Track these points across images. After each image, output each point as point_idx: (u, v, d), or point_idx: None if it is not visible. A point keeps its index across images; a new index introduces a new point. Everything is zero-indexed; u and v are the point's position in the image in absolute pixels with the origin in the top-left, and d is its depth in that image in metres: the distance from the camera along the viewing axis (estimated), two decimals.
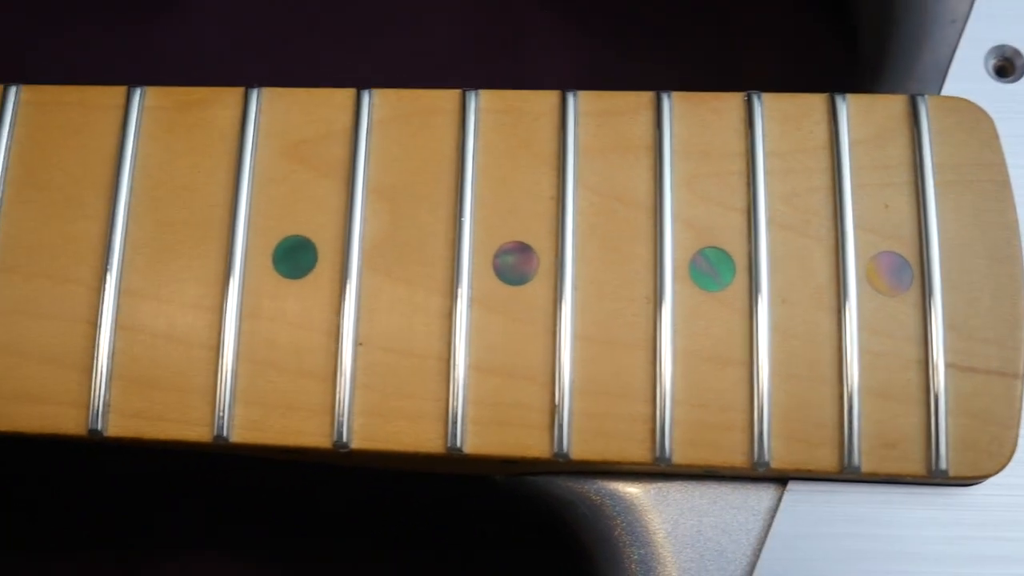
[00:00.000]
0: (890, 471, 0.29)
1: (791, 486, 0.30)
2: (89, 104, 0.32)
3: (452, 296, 0.30)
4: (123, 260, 0.31)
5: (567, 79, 0.47)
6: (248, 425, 0.30)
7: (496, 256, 0.30)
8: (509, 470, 0.32)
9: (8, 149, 0.32)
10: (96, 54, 0.47)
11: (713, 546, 0.30)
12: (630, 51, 0.46)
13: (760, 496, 0.30)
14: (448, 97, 0.32)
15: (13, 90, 0.32)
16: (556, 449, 0.29)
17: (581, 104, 0.31)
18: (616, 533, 0.30)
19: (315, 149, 0.31)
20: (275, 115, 0.32)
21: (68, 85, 0.32)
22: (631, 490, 0.31)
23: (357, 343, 0.30)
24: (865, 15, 0.38)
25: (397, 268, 0.30)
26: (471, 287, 0.30)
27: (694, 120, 0.31)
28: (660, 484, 0.31)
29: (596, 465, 0.30)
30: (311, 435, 0.30)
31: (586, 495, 0.31)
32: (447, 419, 0.30)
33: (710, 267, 0.30)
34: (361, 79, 0.35)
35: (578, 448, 0.29)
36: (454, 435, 0.29)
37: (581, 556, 0.32)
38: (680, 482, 0.30)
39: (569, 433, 0.29)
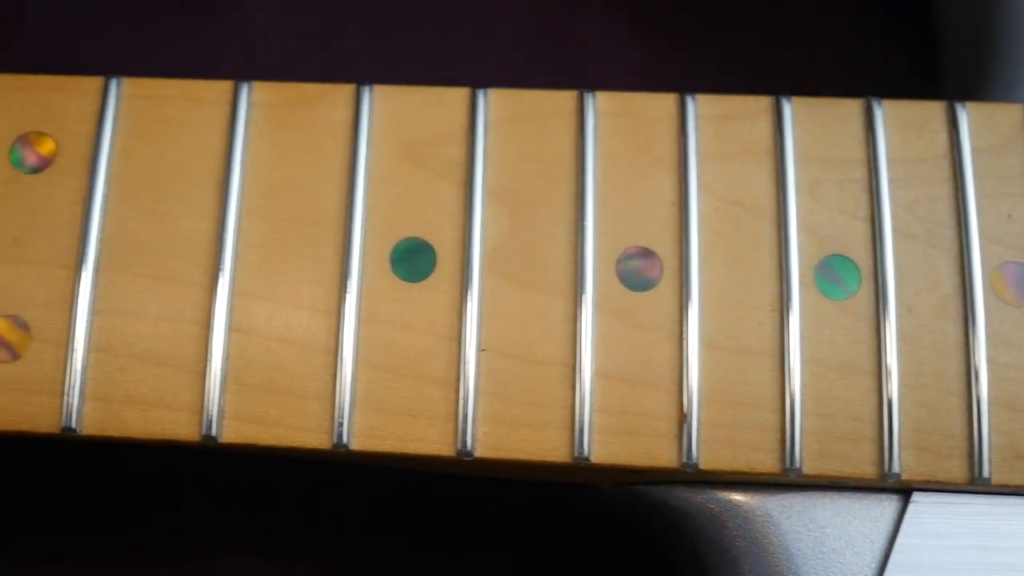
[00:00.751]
0: (1021, 483, 0.29)
1: (915, 496, 0.30)
2: (195, 99, 0.31)
3: (576, 301, 0.29)
4: (235, 260, 0.30)
5: (627, 77, 0.46)
6: (368, 432, 0.29)
7: (619, 261, 0.30)
8: (619, 479, 0.31)
9: (112, 144, 0.31)
10: (145, 47, 0.46)
11: (836, 557, 0.30)
12: (688, 48, 0.46)
13: (883, 506, 0.30)
14: (564, 98, 0.31)
15: (115, 82, 0.31)
16: (685, 459, 0.29)
17: (700, 108, 0.31)
18: (736, 544, 0.30)
19: (430, 149, 0.31)
20: (388, 114, 0.31)
21: (170, 79, 0.31)
22: (751, 500, 0.30)
23: (480, 348, 0.29)
24: (953, 23, 0.38)
25: (518, 272, 0.30)
26: (595, 292, 0.29)
27: (813, 125, 0.31)
28: (781, 494, 0.30)
29: (723, 475, 0.29)
30: (433, 443, 0.29)
31: (704, 505, 0.30)
32: (573, 428, 0.29)
33: (835, 275, 0.30)
34: (414, 75, 0.34)
35: (707, 458, 0.29)
36: (581, 444, 0.29)
37: (694, 567, 0.31)
38: (801, 492, 0.30)
39: (698, 443, 0.29)
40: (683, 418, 0.29)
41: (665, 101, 0.31)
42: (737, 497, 0.30)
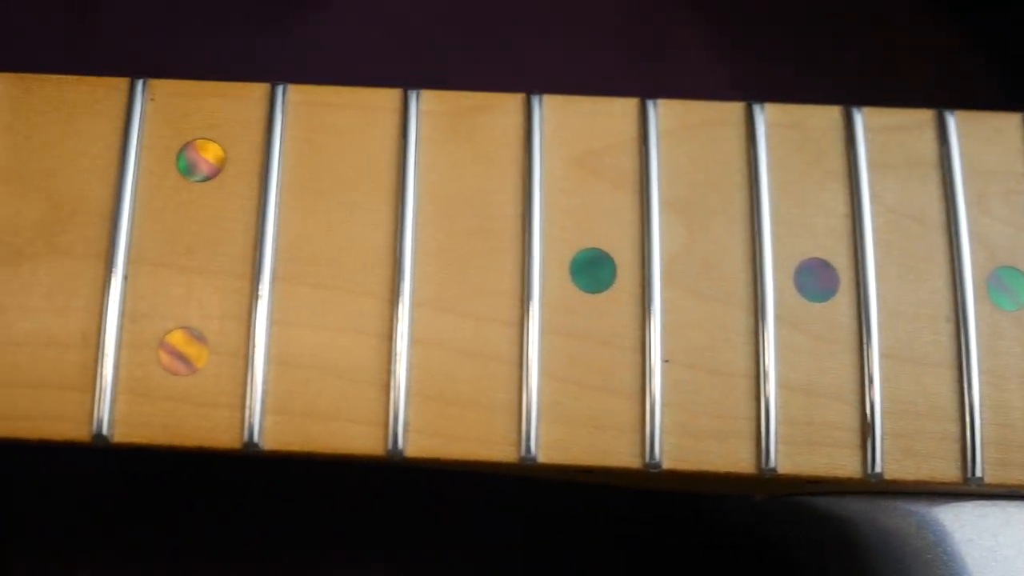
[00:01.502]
0: None
1: None
2: (364, 107, 0.31)
3: (755, 313, 0.29)
4: (414, 271, 0.29)
5: (714, 86, 0.46)
6: (554, 445, 0.29)
7: (796, 272, 0.30)
8: (774, 490, 0.32)
9: (281, 152, 0.30)
10: (238, 53, 0.45)
11: (1009, 565, 0.30)
12: (776, 59, 0.46)
13: None
14: (731, 110, 0.31)
15: (280, 89, 0.30)
16: (869, 470, 0.29)
17: (866, 119, 0.31)
18: (906, 553, 0.30)
19: (603, 160, 0.31)
20: (559, 124, 0.31)
21: (335, 86, 0.31)
22: (921, 509, 0.30)
23: (664, 360, 0.29)
24: None
25: (697, 283, 0.30)
26: (775, 303, 0.30)
27: (976, 139, 0.31)
28: (952, 503, 0.30)
29: (904, 486, 0.30)
30: (620, 455, 0.29)
31: (874, 515, 0.31)
32: (759, 439, 0.29)
33: (1006, 286, 0.30)
34: (504, 83, 0.34)
35: (890, 468, 0.29)
36: (766, 455, 0.29)
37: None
38: (971, 500, 0.30)
39: (881, 453, 0.29)
40: (867, 429, 0.29)
41: (831, 113, 0.31)
42: (908, 507, 0.30)
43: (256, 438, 0.28)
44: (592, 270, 0.30)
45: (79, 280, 0.29)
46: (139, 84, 0.30)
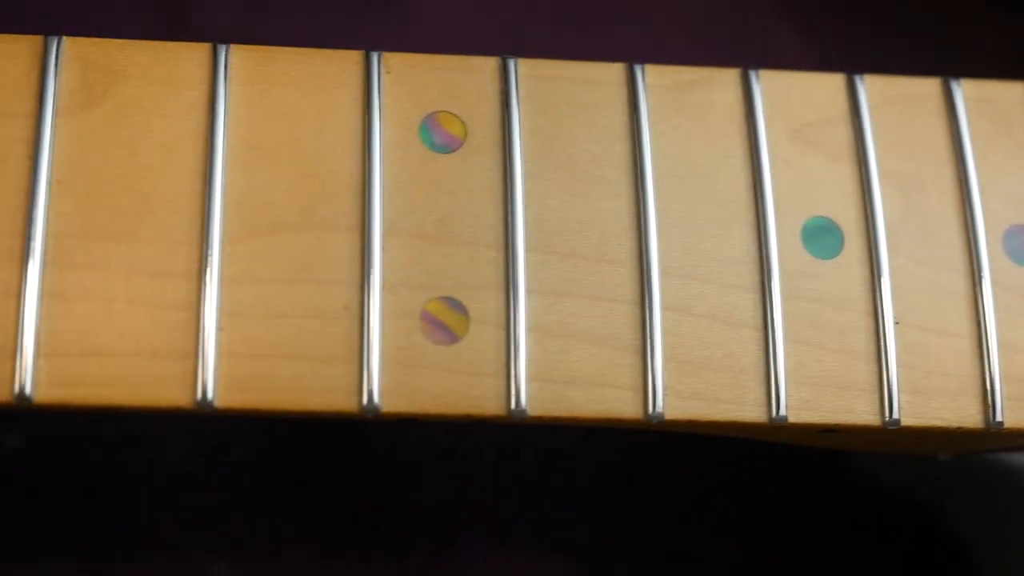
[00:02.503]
0: None
1: None
2: (592, 80, 0.31)
3: (973, 277, 0.31)
4: (658, 241, 0.30)
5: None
6: (801, 405, 0.30)
7: (1005, 238, 0.32)
8: (975, 447, 0.33)
9: (520, 124, 0.30)
10: (338, 30, 0.45)
11: None
12: (866, 47, 0.48)
13: None
14: (930, 84, 0.33)
15: (512, 62, 0.31)
16: None
17: None
18: None
19: (820, 132, 0.32)
20: (775, 97, 0.32)
21: (564, 60, 0.31)
22: None
23: (895, 322, 0.31)
24: None
25: (918, 250, 0.31)
26: (990, 268, 0.31)
27: None
28: None
29: None
30: (861, 414, 0.30)
31: None
32: (984, 396, 0.31)
33: None
34: None
35: None
36: (993, 411, 0.31)
37: None
38: None
39: None
40: None
41: (1019, 88, 0.33)
42: None
43: (523, 405, 0.28)
44: (822, 237, 0.31)
45: (338, 252, 0.29)
46: (375, 57, 0.30)
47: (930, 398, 0.30)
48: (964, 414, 0.31)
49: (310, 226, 0.29)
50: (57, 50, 0.29)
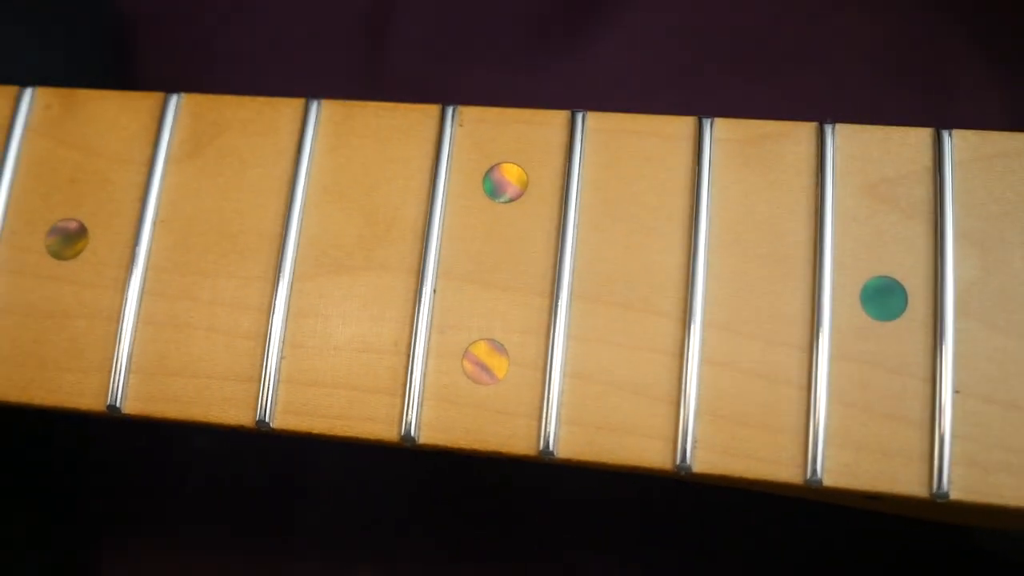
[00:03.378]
0: None
1: None
2: (660, 134, 0.32)
3: None
4: (706, 293, 0.30)
5: (995, 116, 0.45)
6: (840, 469, 0.29)
7: None
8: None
9: (581, 176, 0.31)
10: (514, 79, 0.47)
11: None
12: None
13: None
14: (1019, 138, 0.31)
15: (580, 116, 0.32)
16: None
17: None
18: None
19: (896, 189, 0.31)
20: (851, 152, 0.31)
21: (631, 113, 0.32)
22: None
23: (955, 391, 0.29)
24: None
25: (992, 315, 0.30)
26: None
27: None
28: None
29: None
30: (906, 483, 0.29)
31: None
32: None
33: None
34: (769, 114, 0.34)
35: None
36: None
37: None
38: None
39: None
40: None
41: None
42: None
43: (551, 447, 0.30)
44: (883, 298, 0.30)
45: (393, 292, 0.31)
46: (449, 111, 0.32)
47: (988, 473, 0.29)
48: None
49: (372, 267, 0.31)
50: (176, 105, 0.33)
